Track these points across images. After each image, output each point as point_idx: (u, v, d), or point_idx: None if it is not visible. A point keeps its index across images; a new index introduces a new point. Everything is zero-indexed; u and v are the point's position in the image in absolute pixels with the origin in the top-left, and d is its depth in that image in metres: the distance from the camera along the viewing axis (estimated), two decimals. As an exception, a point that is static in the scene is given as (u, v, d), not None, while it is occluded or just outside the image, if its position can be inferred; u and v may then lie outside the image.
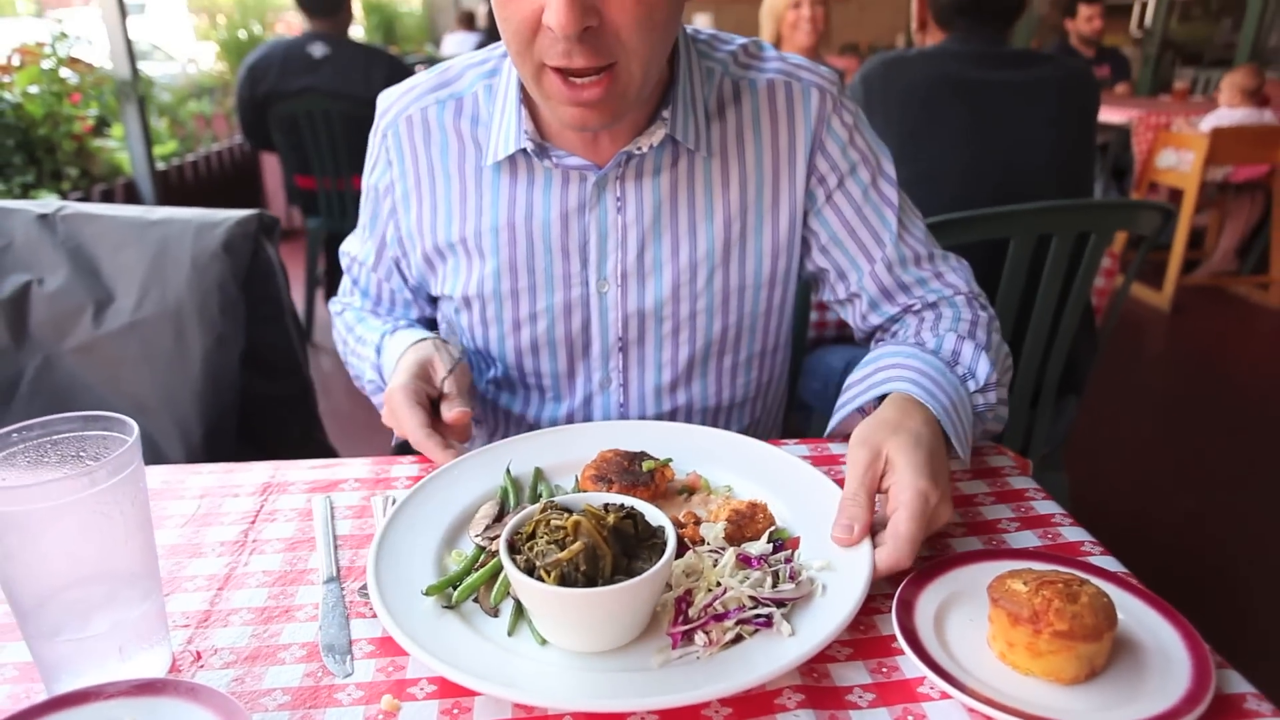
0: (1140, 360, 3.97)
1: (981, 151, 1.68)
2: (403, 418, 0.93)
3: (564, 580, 0.64)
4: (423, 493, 0.84)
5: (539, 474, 0.89)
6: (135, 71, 3.57)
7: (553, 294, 1.04)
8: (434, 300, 1.18)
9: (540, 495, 0.86)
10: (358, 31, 9.33)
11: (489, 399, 1.18)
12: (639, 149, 0.96)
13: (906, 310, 1.08)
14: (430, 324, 1.22)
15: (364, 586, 0.75)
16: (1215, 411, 3.33)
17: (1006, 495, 0.89)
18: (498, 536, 0.75)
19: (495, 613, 0.71)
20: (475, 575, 0.73)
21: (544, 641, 0.67)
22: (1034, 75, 1.67)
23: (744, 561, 0.73)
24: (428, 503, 0.83)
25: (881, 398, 0.90)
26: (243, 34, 6.17)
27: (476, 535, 0.80)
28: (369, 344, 1.12)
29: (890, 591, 0.71)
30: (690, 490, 0.87)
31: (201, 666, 0.67)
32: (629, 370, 1.09)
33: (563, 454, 0.92)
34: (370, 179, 1.11)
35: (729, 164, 1.02)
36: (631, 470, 0.85)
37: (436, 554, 0.77)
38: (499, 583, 0.72)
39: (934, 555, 0.78)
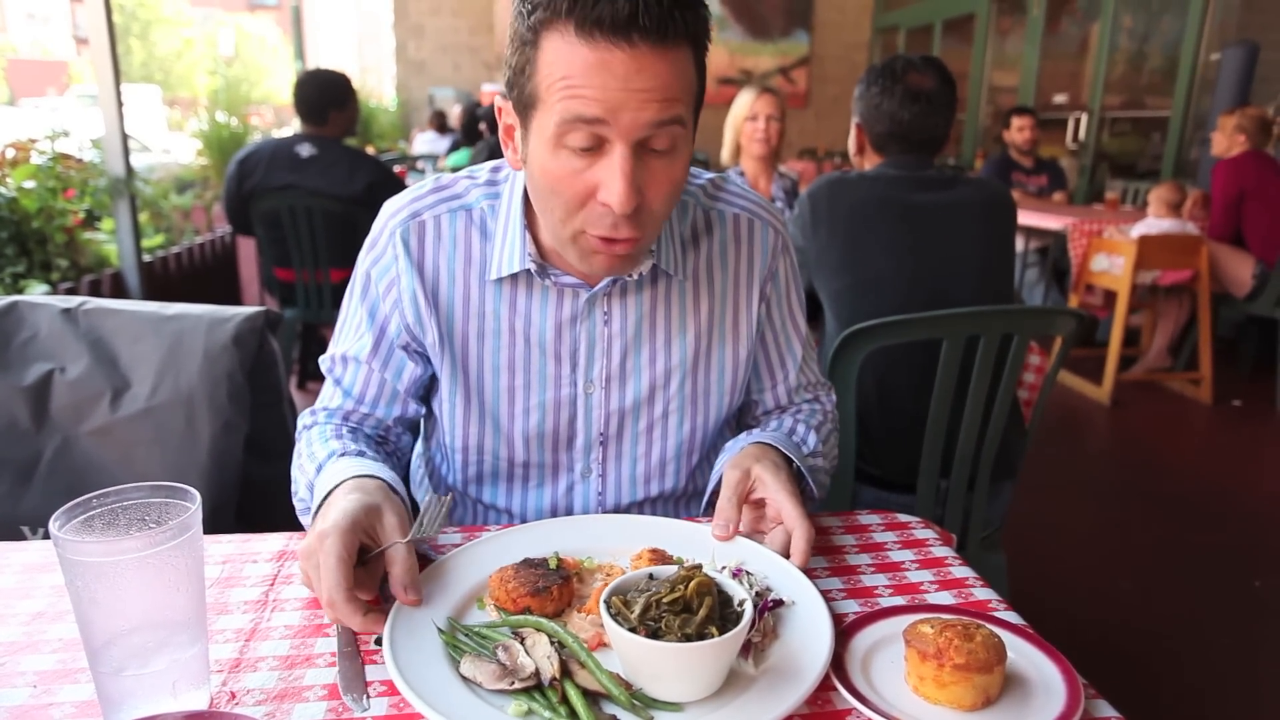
0: (1082, 451, 4.18)
1: (915, 263, 1.89)
2: (325, 562, 0.83)
3: (702, 637, 0.75)
4: (407, 650, 0.82)
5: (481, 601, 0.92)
6: (129, 168, 3.74)
7: (545, 392, 1.17)
8: (422, 399, 1.24)
9: (499, 631, 0.86)
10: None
11: (473, 496, 1.28)
12: (628, 276, 1.11)
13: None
14: (410, 426, 1.26)
15: (376, 639, 0.86)
16: (1153, 499, 3.52)
17: (928, 562, 1.04)
18: (532, 675, 0.76)
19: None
20: (576, 703, 0.75)
21: (675, 707, 0.76)
22: (956, 197, 1.91)
23: (734, 575, 0.91)
24: (420, 658, 0.81)
25: None
26: (222, 118, 6.31)
27: (498, 686, 0.76)
28: (315, 459, 1.08)
29: (826, 640, 0.84)
30: (578, 573, 0.96)
31: (237, 704, 0.77)
32: (607, 462, 1.22)
33: (465, 584, 0.94)
34: (373, 270, 1.15)
35: (700, 287, 1.18)
36: (545, 574, 0.90)
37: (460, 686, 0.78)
38: (608, 683, 0.76)
39: (863, 610, 0.92)
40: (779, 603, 0.89)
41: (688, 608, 0.77)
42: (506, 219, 1.13)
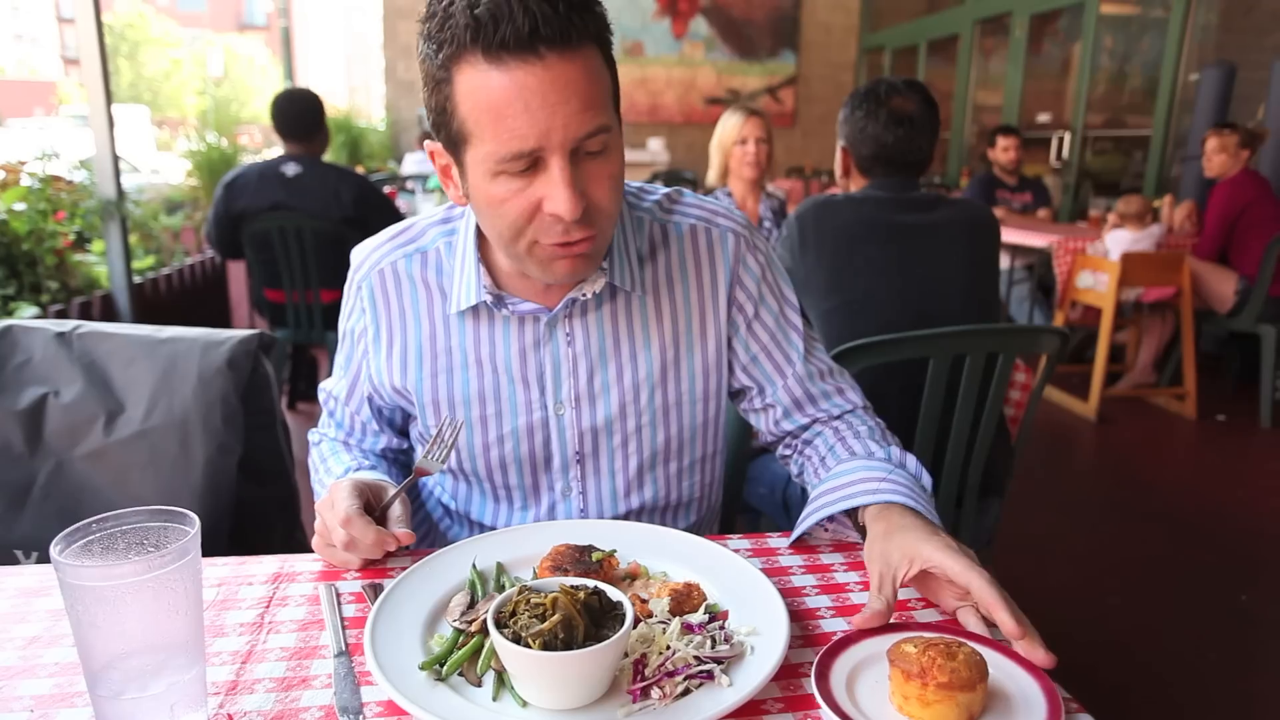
0: (1069, 466, 4.21)
1: (902, 283, 1.92)
2: (339, 499, 1.02)
3: (546, 647, 0.77)
4: (405, 585, 0.96)
5: (500, 568, 1.02)
6: (120, 191, 3.75)
7: (516, 418, 1.20)
8: (403, 431, 1.33)
9: (503, 585, 0.99)
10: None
11: (462, 511, 1.31)
12: (584, 295, 1.14)
13: (815, 421, 1.27)
14: (398, 454, 1.34)
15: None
16: (1139, 514, 3.55)
17: (915, 580, 1.05)
18: (475, 619, 0.89)
19: (479, 683, 0.83)
20: (460, 652, 0.86)
21: (524, 704, 0.80)
22: (941, 217, 1.94)
23: (687, 629, 0.87)
24: (409, 592, 0.95)
25: (852, 511, 1.08)
26: (212, 138, 6.30)
27: (454, 620, 0.91)
28: (334, 475, 1.23)
29: (812, 659, 0.86)
30: (633, 576, 1.01)
31: (234, 726, 0.78)
32: (586, 480, 1.24)
33: (520, 550, 1.05)
34: (347, 324, 1.26)
35: (661, 300, 1.20)
36: (583, 560, 0.97)
37: (421, 636, 0.89)
38: (482, 657, 0.85)
39: (850, 629, 0.93)
40: (707, 676, 0.82)
41: (543, 616, 0.79)
42: (462, 254, 1.17)
